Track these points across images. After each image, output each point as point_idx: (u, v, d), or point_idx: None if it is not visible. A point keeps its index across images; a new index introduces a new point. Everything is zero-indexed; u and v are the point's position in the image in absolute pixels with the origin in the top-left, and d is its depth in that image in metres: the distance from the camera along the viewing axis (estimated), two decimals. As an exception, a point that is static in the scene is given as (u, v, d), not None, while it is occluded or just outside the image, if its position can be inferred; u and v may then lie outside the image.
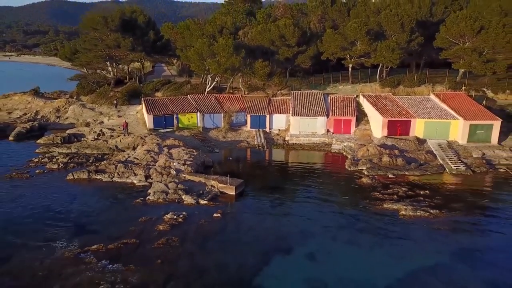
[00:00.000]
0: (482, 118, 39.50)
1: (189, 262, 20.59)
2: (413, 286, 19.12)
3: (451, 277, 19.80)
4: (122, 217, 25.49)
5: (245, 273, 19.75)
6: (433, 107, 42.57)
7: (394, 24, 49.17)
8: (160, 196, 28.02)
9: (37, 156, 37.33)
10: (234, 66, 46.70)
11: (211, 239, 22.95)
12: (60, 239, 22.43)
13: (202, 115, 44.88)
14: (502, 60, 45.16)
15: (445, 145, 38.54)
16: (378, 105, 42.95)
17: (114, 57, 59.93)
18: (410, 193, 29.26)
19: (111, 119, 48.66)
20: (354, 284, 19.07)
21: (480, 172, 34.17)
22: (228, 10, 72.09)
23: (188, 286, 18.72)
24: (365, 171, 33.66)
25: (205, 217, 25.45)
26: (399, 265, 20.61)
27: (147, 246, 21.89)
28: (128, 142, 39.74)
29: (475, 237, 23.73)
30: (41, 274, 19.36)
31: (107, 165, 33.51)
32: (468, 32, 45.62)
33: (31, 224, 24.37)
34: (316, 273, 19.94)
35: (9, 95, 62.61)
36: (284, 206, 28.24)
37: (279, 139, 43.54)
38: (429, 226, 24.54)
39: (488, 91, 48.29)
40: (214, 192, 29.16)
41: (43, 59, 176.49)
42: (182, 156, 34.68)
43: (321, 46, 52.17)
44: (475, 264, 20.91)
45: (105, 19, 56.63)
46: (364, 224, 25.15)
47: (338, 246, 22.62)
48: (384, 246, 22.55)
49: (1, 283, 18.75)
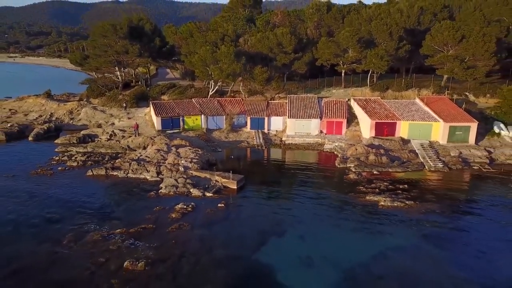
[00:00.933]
0: (460, 120, 43.66)
1: (198, 242, 24.74)
2: (384, 260, 23.23)
3: (416, 253, 23.95)
4: (139, 207, 29.65)
5: (246, 251, 23.89)
6: (417, 110, 46.72)
7: (383, 32, 53.35)
8: (171, 190, 32.19)
9: (57, 155, 41.47)
10: (235, 72, 50.90)
11: (216, 224, 27.10)
12: (89, 225, 26.58)
13: (206, 117, 49.04)
14: (482, 67, 49.37)
15: (427, 145, 42.70)
16: (367, 108, 47.09)
17: (122, 62, 64.06)
18: (391, 187, 33.42)
19: (121, 121, 52.87)
20: (334, 258, 23.19)
21: (456, 169, 38.33)
22: (230, 17, 76.03)
23: (198, 260, 22.84)
24: (352, 168, 37.81)
25: (210, 207, 29.60)
26: (373, 244, 24.76)
27: (162, 230, 26.03)
28: (139, 142, 43.90)
29: (440, 223, 27.80)
30: (77, 251, 23.47)
31: (122, 162, 37.69)
32: (451, 41, 49.78)
33: (62, 212, 28.50)
34: (304, 250, 24.09)
35: (24, 97, 66.78)
36: (280, 198, 32.42)
37: (276, 139, 47.72)
38: (403, 214, 28.69)
39: (470, 95, 52.48)
40: (218, 186, 33.31)
41: (48, 61, 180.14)
42: (189, 154, 38.83)
43: (316, 53, 56.32)
44: (438, 243, 25.02)
45: (114, 27, 60.58)
46: (348, 212, 29.32)
47: (324, 229, 26.76)
48: (363, 230, 26.69)
49: (46, 257, 22.87)
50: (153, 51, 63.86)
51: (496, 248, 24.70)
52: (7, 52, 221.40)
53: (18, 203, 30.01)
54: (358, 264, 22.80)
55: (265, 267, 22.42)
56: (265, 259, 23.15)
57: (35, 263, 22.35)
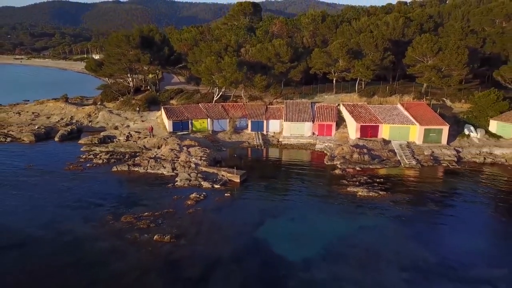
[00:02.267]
0: (434, 123, 50.36)
1: (210, 223, 31.38)
2: (357, 234, 29.86)
3: (383, 230, 30.59)
4: (160, 196, 36.28)
5: (248, 229, 30.52)
6: (398, 114, 53.41)
7: (370, 44, 60.04)
8: (185, 182, 38.84)
9: (83, 154, 48.11)
10: (237, 80, 57.61)
11: (224, 209, 33.77)
12: (121, 209, 33.21)
13: (212, 120, 55.71)
14: (456, 76, 56.05)
15: (405, 145, 49.37)
16: (354, 112, 53.77)
17: (134, 69, 70.72)
18: (369, 181, 40.07)
19: (136, 123, 59.54)
20: (318, 234, 29.78)
21: (427, 166, 45.03)
22: (231, 27, 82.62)
23: (211, 236, 29.46)
24: (338, 165, 44.48)
25: (219, 196, 36.24)
26: (350, 224, 31.41)
27: (181, 213, 32.66)
28: (154, 142, 50.55)
29: (405, 208, 34.41)
30: (116, 228, 30.09)
31: (141, 160, 44.36)
32: (429, 52, 56.49)
33: (97, 200, 35.17)
34: (295, 228, 30.75)
35: (43, 101, 73.53)
36: (276, 189, 39.10)
37: (274, 140, 54.40)
38: (376, 202, 35.35)
39: (447, 100, 59.18)
40: (224, 179, 39.94)
41: (54, 63, 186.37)
42: (198, 153, 45.48)
43: (310, 62, 62.96)
44: (401, 223, 31.65)
45: (127, 37, 67.30)
46: (331, 200, 36.01)
47: (311, 213, 33.40)
48: (342, 213, 33.35)
49: (92, 232, 29.52)
50: (162, 59, 70.54)
51: (449, 226, 31.38)
52: (13, 54, 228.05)
53: (60, 192, 36.67)
54: (337, 237, 29.47)
55: (263, 241, 29.06)
56: (263, 235, 29.79)
57: (84, 236, 29.00)
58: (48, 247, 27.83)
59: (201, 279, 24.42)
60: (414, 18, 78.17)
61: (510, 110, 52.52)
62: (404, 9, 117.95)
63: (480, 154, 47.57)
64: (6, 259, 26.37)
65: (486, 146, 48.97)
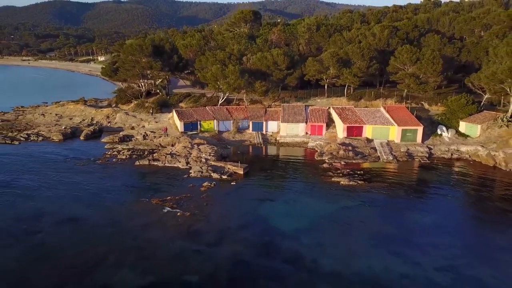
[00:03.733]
0: (411, 124, 58.70)
1: (220, 204, 39.72)
2: (337, 214, 38.17)
3: (358, 211, 38.90)
4: (178, 185, 44.60)
5: (250, 208, 38.86)
6: (380, 116, 61.73)
7: (357, 54, 68.34)
8: (198, 174, 47.16)
9: (107, 150, 56.42)
10: (240, 85, 65.92)
11: (231, 195, 42.12)
12: (148, 194, 41.53)
13: (218, 121, 64.01)
14: (432, 82, 64.37)
15: (385, 143, 57.70)
16: (342, 114, 62.10)
17: (146, 75, 79.03)
18: (351, 173, 48.41)
19: (150, 124, 67.85)
20: (306, 213, 38.12)
21: (402, 160, 53.35)
22: (234, 35, 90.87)
23: (221, 213, 37.78)
24: (326, 160, 52.80)
25: (226, 185, 44.57)
26: (332, 206, 39.73)
27: (196, 197, 40.97)
28: (168, 141, 58.85)
29: (378, 194, 42.72)
30: (147, 208, 38.42)
31: (159, 156, 52.71)
32: (408, 62, 64.82)
33: (127, 187, 43.57)
34: (287, 208, 39.11)
35: (64, 104, 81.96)
36: (273, 180, 47.45)
37: (272, 139, 62.73)
38: (355, 189, 43.68)
39: (425, 104, 67.45)
40: (230, 171, 48.23)
41: (61, 64, 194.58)
42: (207, 150, 53.80)
43: (304, 70, 71.25)
44: (373, 205, 39.96)
45: (140, 46, 75.67)
46: (318, 187, 44.39)
47: (301, 197, 41.75)
48: (327, 198, 41.69)
49: (127, 211, 37.86)
50: (172, 66, 78.92)
51: (413, 208, 39.77)
52: (19, 55, 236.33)
53: (96, 181, 45.04)
54: (321, 215, 37.80)
55: (262, 217, 37.41)
56: (262, 213, 38.17)
57: (123, 214, 37.37)
58: (95, 221, 36.21)
59: (214, 243, 32.72)
60: (401, 27, 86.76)
61: (477, 112, 60.84)
62: (396, 16, 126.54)
63: (448, 151, 55.89)
64: (64, 230, 34.69)
65: (454, 144, 57.32)
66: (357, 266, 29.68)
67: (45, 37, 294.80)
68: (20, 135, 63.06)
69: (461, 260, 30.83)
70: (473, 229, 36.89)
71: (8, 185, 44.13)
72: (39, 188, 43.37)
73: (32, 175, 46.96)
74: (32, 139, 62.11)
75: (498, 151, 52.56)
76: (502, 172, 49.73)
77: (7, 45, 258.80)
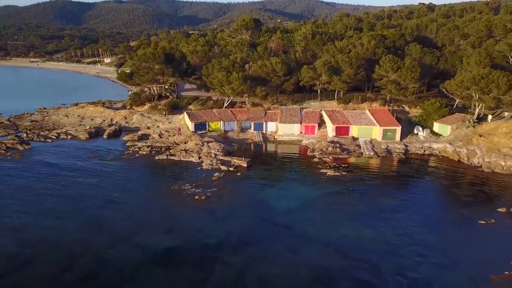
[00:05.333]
0: (391, 125, 68.62)
1: (229, 189, 49.64)
2: (322, 196, 48.09)
3: (339, 195, 48.83)
4: (193, 175, 54.51)
5: (252, 193, 48.82)
6: (365, 118, 71.65)
7: (346, 63, 78.23)
8: (209, 166, 57.03)
9: (129, 148, 66.29)
10: (243, 90, 75.80)
11: (237, 182, 52.06)
12: (169, 182, 51.44)
13: (223, 122, 73.90)
14: (410, 88, 74.27)
15: (368, 141, 67.61)
16: (332, 116, 72.01)
17: (158, 80, 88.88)
18: (337, 166, 58.33)
19: (164, 124, 77.74)
20: (297, 196, 48.06)
21: (381, 156, 63.27)
22: (237, 43, 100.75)
23: (230, 196, 47.71)
24: (317, 155, 62.69)
25: (232, 175, 54.49)
26: (318, 191, 49.68)
27: (209, 184, 50.86)
28: (181, 139, 68.74)
29: (358, 182, 52.58)
30: (170, 193, 48.32)
31: (175, 151, 62.62)
32: (391, 70, 74.68)
33: (150, 177, 53.51)
34: (283, 193, 49.07)
35: (84, 105, 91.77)
36: (272, 171, 57.39)
37: (271, 137, 72.64)
38: (339, 178, 53.61)
39: (406, 106, 77.37)
40: (236, 164, 58.11)
41: (69, 66, 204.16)
42: (216, 147, 63.68)
43: (299, 76, 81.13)
44: (353, 190, 49.87)
45: (153, 54, 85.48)
46: (309, 177, 54.35)
47: (294, 185, 51.72)
48: (315, 185, 51.62)
49: (152, 196, 47.77)
50: (181, 72, 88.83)
51: (386, 192, 49.68)
52: (27, 56, 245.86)
53: (124, 172, 54.95)
54: (309, 198, 47.70)
55: (262, 199, 47.33)
56: (262, 196, 48.12)
57: (151, 197, 47.29)
58: (128, 203, 46.10)
59: (226, 217, 42.62)
60: (388, 36, 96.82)
61: (450, 115, 70.73)
62: (387, 23, 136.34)
63: (422, 147, 65.84)
64: (106, 211, 44.54)
65: (427, 142, 67.27)
66: (335, 234, 39.64)
67: (50, 38, 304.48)
68: (50, 134, 72.90)
69: (414, 229, 40.73)
70: (429, 208, 46.73)
71: (56, 174, 54.07)
72: (80, 176, 53.36)
73: (71, 167, 56.88)
74: (62, 137, 72.00)
75: (462, 148, 62.55)
76: (464, 165, 59.74)
77: (15, 47, 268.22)
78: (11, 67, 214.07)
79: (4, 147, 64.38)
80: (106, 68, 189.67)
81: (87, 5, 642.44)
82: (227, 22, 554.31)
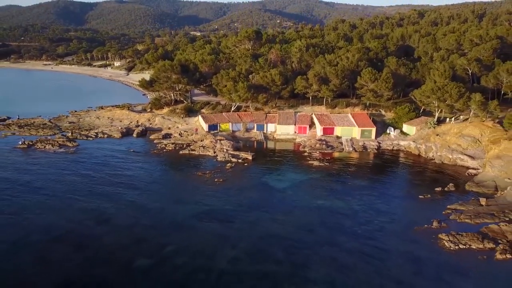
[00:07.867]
0: (368, 126, 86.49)
1: (239, 175, 67.51)
2: (307, 181, 65.92)
3: (322, 179, 66.68)
4: (210, 165, 72.39)
5: (257, 178, 66.74)
6: (347, 120, 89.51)
7: (333, 74, 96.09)
8: (222, 158, 74.86)
9: (157, 145, 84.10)
10: (247, 98, 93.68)
11: (245, 171, 69.96)
12: (194, 170, 69.32)
13: (231, 124, 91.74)
14: (385, 96, 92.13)
15: (349, 139, 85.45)
16: (320, 119, 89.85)
17: (175, 87, 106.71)
18: (322, 158, 76.20)
19: (182, 126, 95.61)
20: (290, 180, 65.91)
21: (359, 151, 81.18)
22: (241, 55, 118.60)
23: (240, 180, 65.55)
24: (307, 151, 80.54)
25: (241, 165, 72.35)
26: (306, 176, 67.60)
27: (223, 172, 68.69)
28: (198, 138, 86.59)
29: (338, 170, 70.34)
30: (195, 177, 66.13)
31: (194, 147, 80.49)
32: (369, 80, 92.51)
33: (178, 166, 71.50)
34: (280, 178, 67.00)
35: (111, 109, 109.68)
36: (271, 162, 75.33)
37: (271, 136, 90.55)
38: (322, 168, 71.46)
39: (382, 111, 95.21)
40: (243, 157, 75.89)
41: (81, 69, 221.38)
42: (227, 144, 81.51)
43: (294, 85, 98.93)
44: (332, 178, 67.69)
45: (171, 66, 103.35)
46: (299, 167, 72.34)
47: (288, 172, 69.67)
48: (303, 172, 69.52)
49: (182, 181, 65.64)
50: (195, 81, 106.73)
51: (359, 177, 67.50)
52: (40, 59, 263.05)
53: (157, 164, 72.88)
54: (298, 181, 65.53)
55: (264, 182, 65.22)
56: (264, 180, 66.03)
57: (181, 181, 65.17)
58: (168, 183, 63.92)
59: (237, 193, 60.39)
60: (372, 49, 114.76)
61: (417, 118, 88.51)
62: (376, 33, 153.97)
63: (391, 144, 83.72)
64: (154, 187, 62.33)
65: (397, 140, 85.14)
66: (315, 203, 57.53)
67: (58, 40, 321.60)
68: (90, 133, 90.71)
69: (372, 201, 58.55)
70: (388, 188, 64.46)
71: (102, 167, 71.84)
72: (122, 168, 71.03)
73: (117, 158, 74.68)
74: (100, 136, 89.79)
75: (422, 144, 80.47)
76: (422, 158, 77.74)
77: (27, 49, 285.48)
78: (26, 70, 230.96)
79: (57, 144, 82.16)
80: (117, 71, 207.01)
81: (88, 5, 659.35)
82: (227, 23, 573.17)
